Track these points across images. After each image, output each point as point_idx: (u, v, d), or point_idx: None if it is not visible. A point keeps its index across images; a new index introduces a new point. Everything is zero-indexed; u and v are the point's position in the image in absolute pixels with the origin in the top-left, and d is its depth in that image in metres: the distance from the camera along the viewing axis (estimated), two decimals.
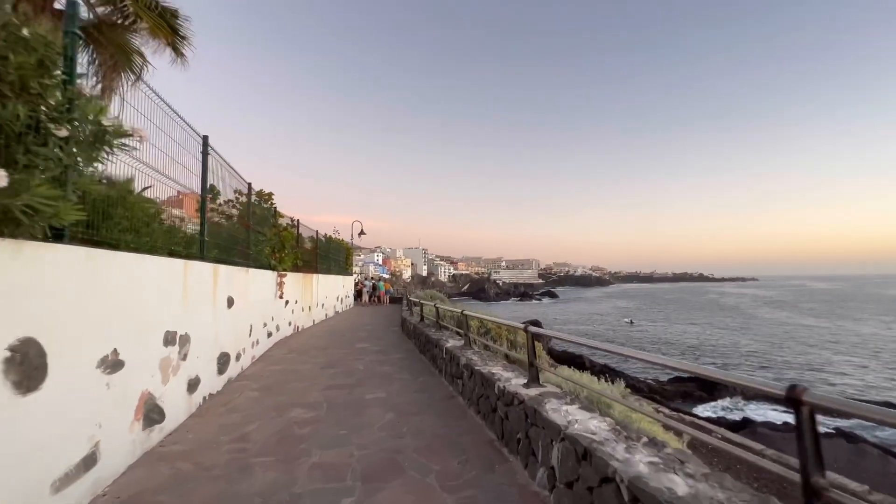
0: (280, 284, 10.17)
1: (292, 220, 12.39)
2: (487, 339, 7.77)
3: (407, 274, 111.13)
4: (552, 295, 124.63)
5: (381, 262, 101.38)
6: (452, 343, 6.47)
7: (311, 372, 6.83)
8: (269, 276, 9.30)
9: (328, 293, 17.18)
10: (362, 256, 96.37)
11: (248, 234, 7.89)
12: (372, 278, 37.20)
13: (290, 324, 11.45)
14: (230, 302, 6.10)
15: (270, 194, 10.50)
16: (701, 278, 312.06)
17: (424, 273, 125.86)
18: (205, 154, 5.47)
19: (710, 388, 25.57)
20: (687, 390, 25.81)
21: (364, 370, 7.01)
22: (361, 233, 27.53)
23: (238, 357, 6.55)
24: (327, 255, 18.15)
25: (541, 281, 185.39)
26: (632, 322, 60.82)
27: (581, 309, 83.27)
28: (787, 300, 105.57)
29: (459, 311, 6.29)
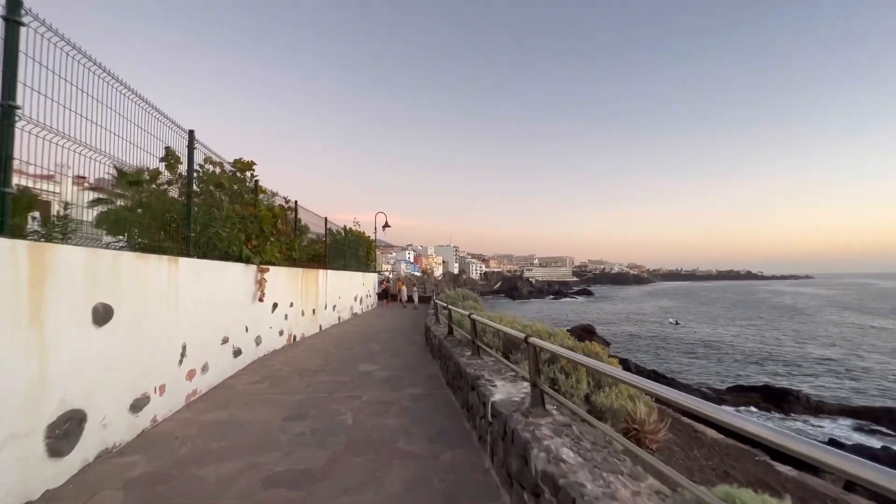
0: (260, 282, 7.54)
1: (287, 200, 9.78)
2: (556, 372, 4.76)
3: (438, 272, 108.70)
4: (587, 293, 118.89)
5: (412, 259, 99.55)
6: (503, 392, 3.51)
7: (262, 430, 4.05)
8: (237, 271, 6.67)
9: (342, 293, 14.58)
10: (394, 254, 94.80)
11: (188, 206, 5.23)
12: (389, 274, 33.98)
13: (281, 333, 8.83)
14: (103, 314, 3.38)
15: (250, 163, 7.89)
16: (748, 276, 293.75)
17: (456, 271, 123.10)
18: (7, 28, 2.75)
19: (777, 400, 21.99)
20: (750, 400, 22.61)
21: (352, 427, 4.16)
22: (385, 225, 24.93)
23: (138, 408, 3.85)
24: (342, 249, 15.58)
25: (575, 279, 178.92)
26: (677, 322, 56.53)
27: (620, 308, 78.11)
28: (851, 300, 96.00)
29: (522, 335, 3.28)
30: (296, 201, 10.17)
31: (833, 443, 15.96)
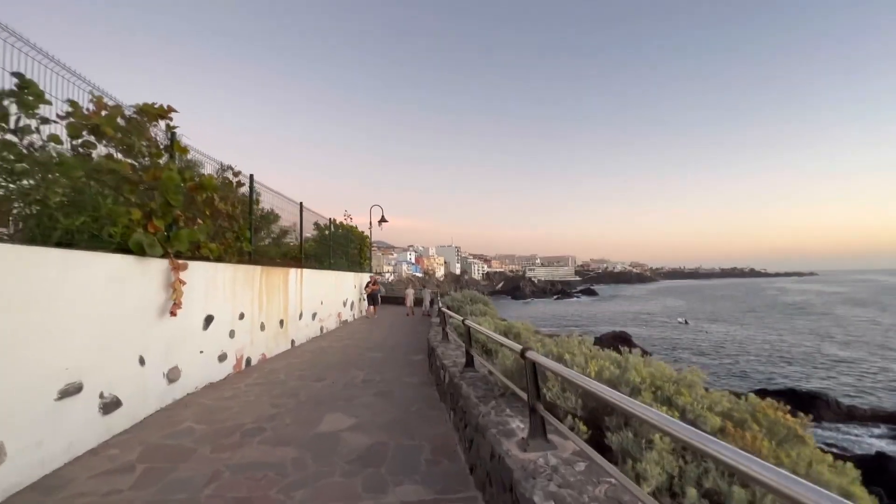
0: (175, 285, 4.86)
1: (235, 171, 7.07)
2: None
3: (440, 272, 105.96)
4: (592, 293, 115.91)
5: (414, 260, 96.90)
6: None
7: None
8: (116, 267, 3.99)
9: (326, 297, 11.87)
10: (395, 255, 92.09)
11: None
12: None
13: (223, 358, 6.14)
14: None
15: (163, 109, 5.21)
16: (752, 273, 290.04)
17: (458, 271, 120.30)
18: None
19: (804, 405, 19.56)
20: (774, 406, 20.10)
21: None
22: (382, 220, 22.19)
23: None
24: (328, 244, 12.89)
25: (578, 278, 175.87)
26: (686, 322, 54.05)
27: (627, 308, 75.29)
28: (864, 296, 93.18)
29: None
30: (251, 175, 7.46)
31: (880, 455, 13.35)
